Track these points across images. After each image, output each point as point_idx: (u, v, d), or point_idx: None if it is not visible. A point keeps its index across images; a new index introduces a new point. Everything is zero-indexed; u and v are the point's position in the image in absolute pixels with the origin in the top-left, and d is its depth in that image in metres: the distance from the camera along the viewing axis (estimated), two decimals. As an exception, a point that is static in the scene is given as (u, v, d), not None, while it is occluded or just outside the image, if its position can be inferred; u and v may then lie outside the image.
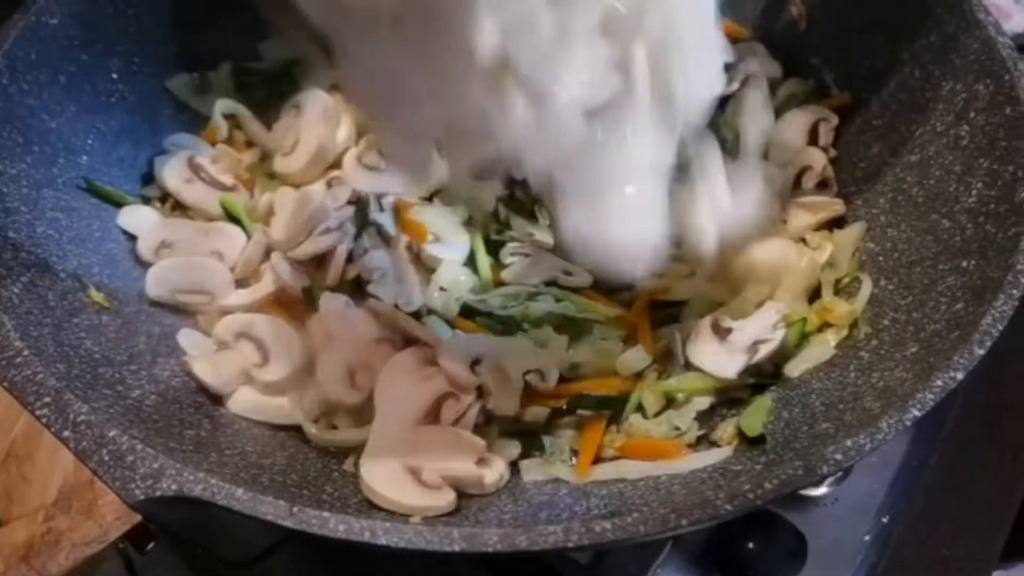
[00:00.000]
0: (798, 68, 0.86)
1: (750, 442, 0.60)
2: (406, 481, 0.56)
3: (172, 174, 0.78)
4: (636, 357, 0.66)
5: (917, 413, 0.48)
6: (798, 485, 0.45)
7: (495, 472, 0.59)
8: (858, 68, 0.81)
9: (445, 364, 0.63)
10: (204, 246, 0.74)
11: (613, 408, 0.65)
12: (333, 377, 0.66)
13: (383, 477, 0.56)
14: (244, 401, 0.65)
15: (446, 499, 0.56)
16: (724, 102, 0.81)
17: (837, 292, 0.71)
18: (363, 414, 0.66)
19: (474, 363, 0.64)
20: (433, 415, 0.63)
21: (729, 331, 0.65)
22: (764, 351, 0.63)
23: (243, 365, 0.66)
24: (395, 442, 0.59)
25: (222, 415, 0.64)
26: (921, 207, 0.70)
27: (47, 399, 0.49)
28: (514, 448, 0.64)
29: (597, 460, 0.63)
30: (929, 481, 0.76)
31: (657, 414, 0.64)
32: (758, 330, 0.65)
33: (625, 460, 0.62)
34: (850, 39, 0.82)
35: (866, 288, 0.69)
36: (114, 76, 0.79)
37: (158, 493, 0.46)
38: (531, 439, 0.65)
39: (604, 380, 0.67)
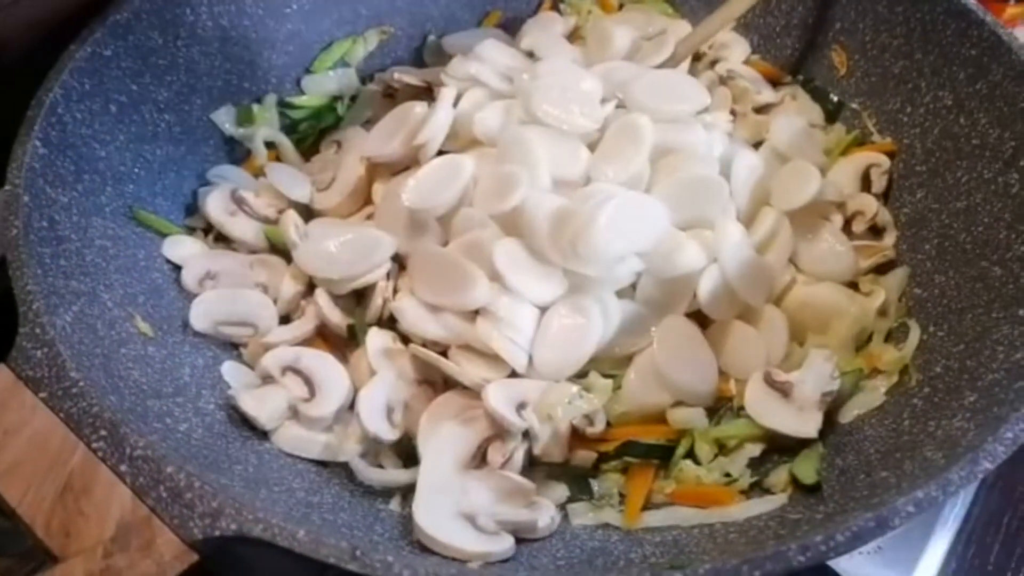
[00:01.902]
0: (838, 113, 0.87)
1: (805, 490, 0.59)
2: (463, 527, 0.55)
3: (215, 206, 0.79)
4: (691, 415, 0.65)
5: (989, 465, 0.47)
6: (871, 537, 0.44)
7: (547, 516, 0.58)
8: (899, 115, 0.82)
9: (491, 408, 0.63)
10: (248, 278, 0.74)
11: (661, 456, 0.64)
12: (373, 414, 0.65)
13: (440, 524, 0.55)
14: (289, 436, 0.64)
15: (505, 544, 0.55)
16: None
17: (885, 338, 0.70)
18: (407, 454, 0.65)
19: (519, 407, 0.64)
20: (479, 458, 0.62)
21: (787, 385, 0.64)
22: (829, 403, 0.62)
23: (289, 399, 0.65)
24: (445, 487, 0.58)
25: (267, 450, 0.63)
26: (969, 254, 0.69)
27: (103, 432, 0.49)
28: (562, 491, 0.63)
29: (647, 506, 0.62)
30: (973, 528, 0.74)
31: (710, 461, 0.63)
32: (819, 381, 0.64)
33: (676, 506, 0.60)
34: (891, 85, 0.82)
35: (914, 334, 0.68)
36: (162, 107, 0.80)
37: (217, 533, 0.45)
38: (578, 482, 0.64)
39: (652, 426, 0.66)
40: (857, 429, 0.64)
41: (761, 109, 0.87)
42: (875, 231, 0.77)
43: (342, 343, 0.73)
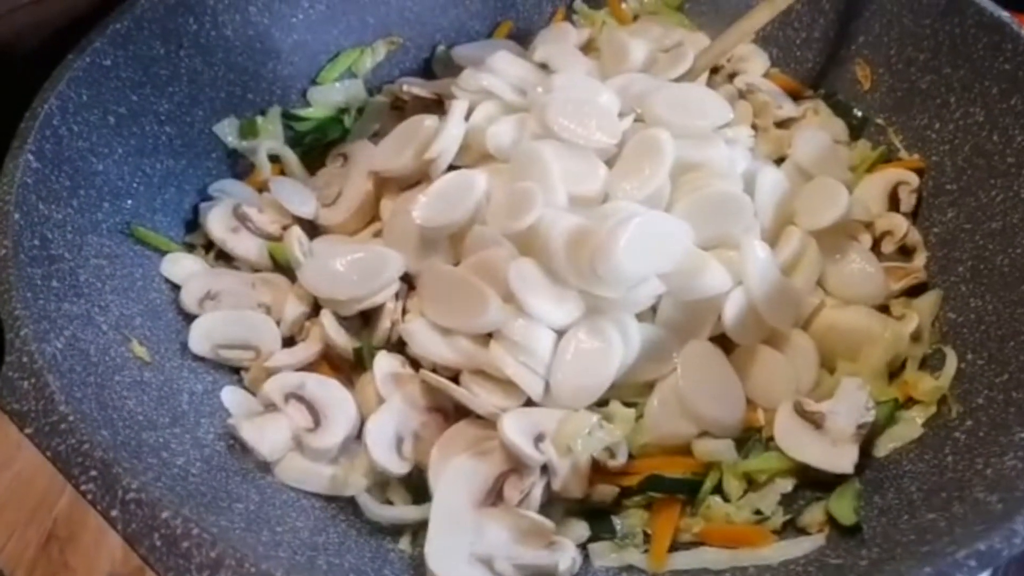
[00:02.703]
0: (863, 129, 0.84)
1: (842, 530, 0.56)
2: (479, 573, 0.51)
3: (217, 222, 0.75)
4: (718, 447, 0.62)
5: (1056, 516, 0.43)
6: (931, 594, 0.41)
7: (568, 558, 0.55)
8: (927, 131, 0.79)
9: (507, 440, 0.59)
10: (251, 298, 0.71)
11: (687, 492, 0.61)
12: (382, 445, 0.62)
13: (454, 567, 0.52)
14: (293, 469, 0.61)
15: None
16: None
17: (919, 366, 0.67)
18: (417, 488, 0.61)
19: (537, 439, 0.60)
20: (495, 494, 0.59)
21: (818, 415, 0.61)
22: (864, 435, 0.59)
23: (293, 429, 0.61)
24: (459, 527, 0.55)
25: (269, 484, 0.60)
26: (1008, 277, 0.66)
27: (93, 472, 0.45)
28: (582, 530, 0.59)
29: (673, 547, 0.58)
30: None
31: (739, 497, 0.60)
32: (853, 412, 0.60)
33: (705, 547, 0.57)
34: (918, 101, 0.80)
35: (951, 362, 0.65)
36: (162, 118, 0.77)
37: (216, 586, 0.41)
38: (600, 520, 0.61)
39: (676, 458, 0.62)
40: (895, 464, 0.60)
41: (782, 124, 0.85)
42: (904, 252, 0.74)
43: (348, 367, 0.69)
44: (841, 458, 0.59)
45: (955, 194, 0.74)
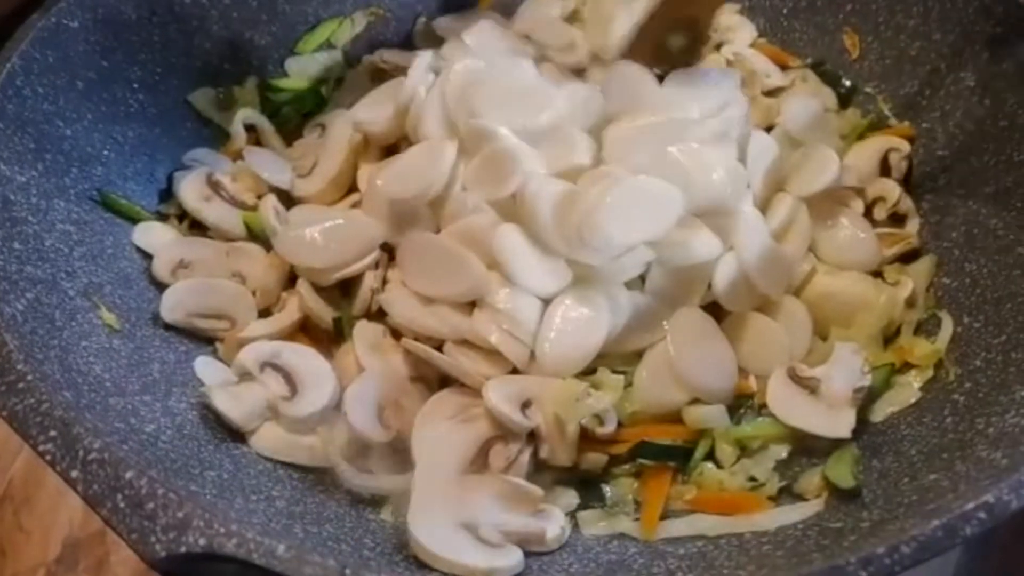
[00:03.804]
0: (851, 97, 0.83)
1: (841, 495, 0.54)
2: (464, 540, 0.49)
3: (190, 191, 0.73)
4: (710, 413, 0.60)
5: (1063, 465, 0.42)
6: (939, 549, 0.39)
7: (556, 525, 0.53)
8: (917, 98, 0.78)
9: (492, 406, 0.57)
10: (225, 267, 0.68)
11: (678, 459, 0.59)
12: (362, 413, 0.59)
13: (438, 536, 0.49)
14: (269, 439, 0.59)
15: (513, 559, 0.50)
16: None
17: (915, 331, 0.65)
18: (399, 458, 0.59)
19: (524, 405, 0.58)
20: (480, 462, 0.57)
21: (813, 381, 0.59)
22: (861, 400, 0.58)
23: (268, 398, 0.59)
24: (442, 495, 0.53)
25: (244, 454, 0.57)
26: (1003, 240, 0.65)
27: (53, 432, 0.42)
28: (571, 498, 0.57)
29: (665, 514, 0.56)
30: (1005, 540, 0.69)
31: (732, 464, 0.58)
32: (849, 376, 0.59)
33: (699, 514, 0.55)
34: (907, 68, 0.79)
35: (947, 326, 0.63)
36: (135, 86, 0.74)
37: (183, 549, 0.38)
38: (589, 488, 0.59)
39: (667, 426, 0.60)
40: (893, 428, 0.59)
41: (771, 93, 0.83)
42: (897, 218, 0.73)
43: (327, 338, 0.67)
44: (837, 423, 0.57)
45: (947, 160, 0.73)
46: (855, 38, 0.83)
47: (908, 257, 0.71)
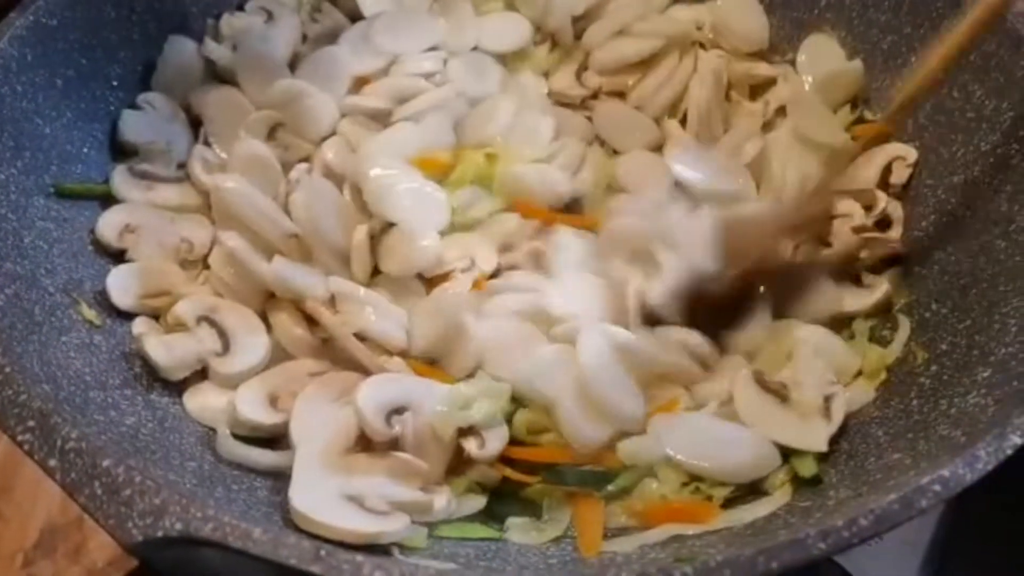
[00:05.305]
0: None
1: (808, 482, 0.54)
2: (348, 509, 0.48)
3: (125, 186, 0.71)
4: (644, 445, 0.55)
5: (1018, 440, 0.43)
6: (896, 521, 0.40)
7: (443, 499, 0.52)
8: (889, 91, 0.79)
9: (356, 408, 0.54)
10: (172, 233, 0.68)
11: (601, 487, 0.54)
12: (253, 400, 0.58)
13: (322, 507, 0.48)
14: (200, 399, 0.59)
15: (399, 523, 0.49)
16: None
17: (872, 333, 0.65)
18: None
19: (395, 411, 0.55)
20: (365, 442, 0.54)
21: (783, 388, 0.58)
22: (838, 409, 0.56)
23: (200, 352, 0.59)
24: (325, 471, 0.51)
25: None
26: (970, 228, 0.66)
27: (31, 423, 0.43)
28: (476, 503, 0.55)
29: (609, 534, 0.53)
30: (980, 514, 0.70)
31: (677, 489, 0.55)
32: (818, 383, 0.57)
33: (645, 532, 0.52)
34: (879, 62, 0.80)
35: (903, 331, 0.64)
36: (114, 84, 0.75)
37: (160, 533, 0.39)
38: (524, 504, 0.56)
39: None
40: (861, 411, 0.60)
41: (760, 85, 0.84)
42: (882, 225, 0.72)
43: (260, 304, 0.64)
44: (813, 436, 0.55)
45: (917, 152, 0.75)
46: (831, 34, 0.85)
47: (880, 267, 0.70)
